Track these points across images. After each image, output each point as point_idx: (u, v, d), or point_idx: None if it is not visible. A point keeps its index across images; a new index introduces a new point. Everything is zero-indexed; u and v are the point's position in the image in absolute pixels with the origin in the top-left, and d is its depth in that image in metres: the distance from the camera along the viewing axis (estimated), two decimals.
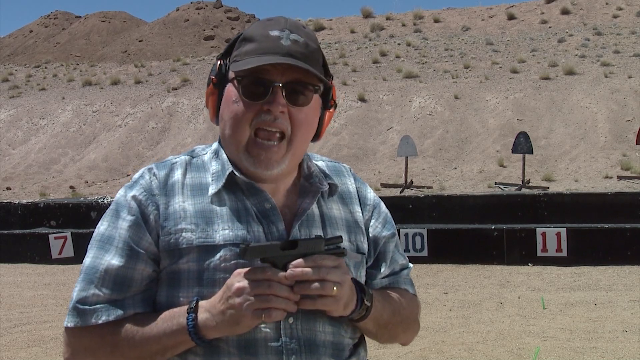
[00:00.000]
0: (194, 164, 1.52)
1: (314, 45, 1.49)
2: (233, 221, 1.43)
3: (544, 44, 28.41)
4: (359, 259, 1.52)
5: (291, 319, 1.41)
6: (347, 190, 1.59)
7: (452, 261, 10.88)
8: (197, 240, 1.41)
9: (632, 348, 6.06)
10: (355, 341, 1.52)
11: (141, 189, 1.46)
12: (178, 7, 58.67)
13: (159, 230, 1.43)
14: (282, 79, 1.42)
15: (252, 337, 1.38)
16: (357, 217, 1.57)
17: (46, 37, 60.69)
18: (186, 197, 1.46)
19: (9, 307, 8.40)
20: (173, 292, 1.42)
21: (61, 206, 13.88)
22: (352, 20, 36.08)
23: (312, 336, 1.43)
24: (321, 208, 1.52)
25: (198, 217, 1.43)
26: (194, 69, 29.88)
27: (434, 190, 16.68)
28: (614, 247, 10.61)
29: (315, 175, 1.53)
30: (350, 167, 1.68)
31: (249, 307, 1.31)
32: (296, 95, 1.44)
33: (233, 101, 1.45)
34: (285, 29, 1.45)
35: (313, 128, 1.50)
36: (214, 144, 1.55)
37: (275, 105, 1.41)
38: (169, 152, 22.03)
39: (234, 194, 1.47)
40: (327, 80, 1.48)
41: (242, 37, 1.49)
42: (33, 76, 32.75)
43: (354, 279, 1.46)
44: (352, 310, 1.43)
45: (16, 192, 20.19)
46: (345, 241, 1.50)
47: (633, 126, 19.41)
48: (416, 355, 5.97)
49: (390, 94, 24.23)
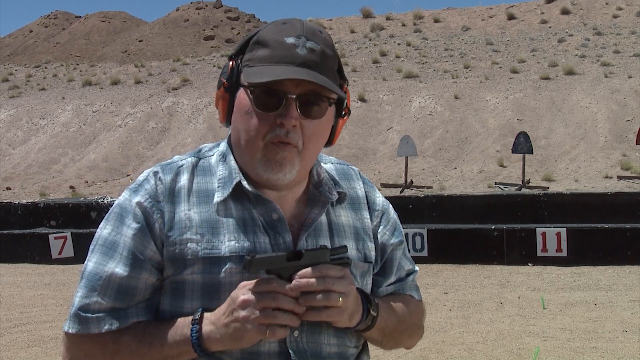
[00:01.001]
0: (200, 166, 1.48)
1: (331, 52, 1.43)
2: (239, 232, 1.41)
3: (544, 44, 28.42)
4: (366, 268, 1.50)
5: (296, 332, 1.39)
6: (355, 195, 1.56)
7: (452, 261, 10.88)
8: (203, 252, 1.39)
9: (632, 348, 6.06)
10: (359, 350, 1.52)
11: (146, 195, 1.43)
12: (178, 7, 58.69)
13: (163, 239, 1.41)
14: (297, 91, 1.38)
15: (256, 350, 1.37)
16: (366, 223, 1.55)
17: (46, 37, 60.70)
18: (192, 205, 1.43)
19: (9, 307, 8.40)
20: (177, 302, 1.41)
21: (61, 206, 13.88)
22: (352, 20, 36.09)
23: (318, 349, 1.42)
24: (329, 216, 1.50)
25: (204, 226, 1.41)
26: (194, 69, 29.89)
27: (434, 190, 16.69)
28: (614, 247, 10.61)
29: (325, 183, 1.50)
30: (360, 170, 1.65)
31: (253, 321, 1.29)
32: (310, 107, 1.40)
33: (246, 112, 1.41)
34: (302, 35, 1.40)
35: (325, 138, 1.47)
36: (222, 145, 1.52)
37: (288, 119, 1.37)
38: (169, 152, 22.04)
39: (240, 202, 1.44)
40: (342, 94, 1.44)
41: (256, 40, 1.44)
42: (33, 76, 32.76)
43: (360, 289, 1.44)
44: (358, 322, 1.42)
45: (16, 192, 20.20)
46: (353, 249, 1.48)
47: (633, 126, 19.42)
48: (416, 355, 5.97)
49: (390, 94, 24.24)
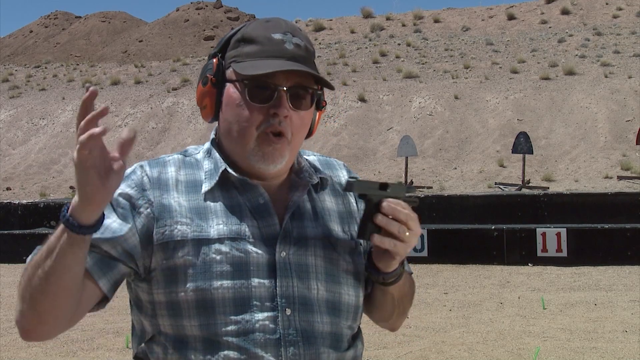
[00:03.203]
0: (187, 161, 1.53)
1: (312, 49, 1.52)
2: (227, 216, 1.45)
3: (544, 44, 28.41)
4: (353, 245, 1.54)
5: (289, 310, 1.42)
6: (339, 182, 1.61)
7: (452, 261, 10.88)
8: (192, 234, 1.42)
9: (632, 348, 6.06)
10: (353, 332, 1.53)
11: (132, 184, 1.46)
12: (178, 7, 58.67)
13: (152, 225, 1.43)
14: (287, 83, 1.45)
15: (250, 328, 1.39)
16: (352, 208, 1.59)
17: (46, 37, 60.71)
18: (180, 193, 1.47)
19: (9, 307, 8.39)
20: (171, 288, 1.42)
21: (61, 206, 13.52)
22: (352, 20, 36.07)
23: (310, 327, 1.43)
24: (313, 202, 1.54)
25: (192, 212, 1.44)
26: (194, 69, 29.89)
27: (434, 190, 16.69)
28: (614, 247, 10.61)
29: (305, 170, 1.56)
30: (344, 163, 1.70)
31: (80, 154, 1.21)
32: (299, 99, 1.47)
33: (237, 104, 1.46)
34: (287, 32, 1.48)
35: (307, 128, 1.53)
36: (206, 144, 1.57)
37: (282, 109, 1.43)
38: (169, 152, 21.96)
39: (227, 191, 1.48)
40: (332, 86, 1.51)
41: (241, 38, 1.49)
42: (33, 76, 32.76)
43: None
44: (395, 268, 1.48)
45: (16, 192, 20.20)
46: (339, 231, 1.53)
47: (633, 126, 19.42)
48: (416, 356, 5.97)
49: (390, 94, 24.23)
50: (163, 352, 1.44)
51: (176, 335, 1.42)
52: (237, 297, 1.40)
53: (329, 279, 1.47)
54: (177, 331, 1.42)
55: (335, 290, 1.48)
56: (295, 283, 1.43)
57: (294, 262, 1.45)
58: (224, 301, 1.40)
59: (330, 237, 1.51)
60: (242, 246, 1.42)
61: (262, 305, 1.40)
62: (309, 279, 1.45)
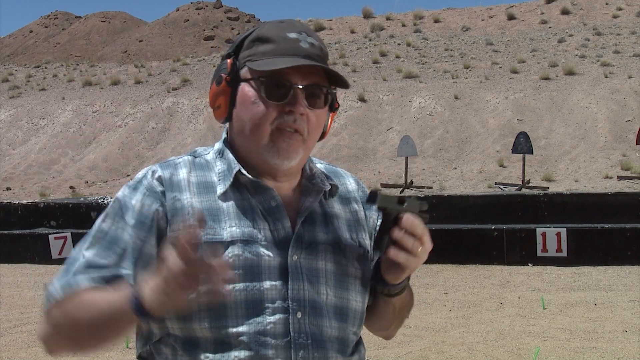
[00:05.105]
0: (197, 163, 1.53)
1: (326, 50, 1.53)
2: (240, 218, 1.45)
3: (544, 44, 28.42)
4: (361, 252, 1.55)
5: (299, 313, 1.43)
6: (346, 190, 1.62)
7: (452, 261, 10.88)
8: (205, 237, 1.41)
9: (632, 348, 6.06)
10: (357, 338, 1.55)
11: (145, 190, 1.47)
12: (178, 7, 58.72)
13: (165, 227, 1.44)
14: (303, 82, 1.46)
15: (261, 330, 1.40)
16: (359, 215, 1.60)
17: (46, 37, 60.74)
18: (193, 194, 1.47)
19: (9, 307, 8.40)
20: None
21: (61, 206, 13.87)
22: (352, 20, 36.08)
23: (319, 331, 1.45)
24: (323, 207, 1.55)
25: (205, 214, 1.44)
26: (194, 69, 29.89)
27: (434, 190, 16.70)
28: (614, 247, 10.61)
29: (317, 176, 1.56)
30: (351, 174, 1.71)
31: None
32: (314, 98, 1.47)
33: (252, 102, 1.46)
34: (302, 31, 1.49)
35: (322, 128, 1.54)
36: (217, 145, 1.56)
37: (298, 107, 1.44)
38: (169, 152, 22.05)
39: (240, 193, 1.48)
40: (348, 84, 1.52)
41: (255, 37, 1.50)
42: (33, 76, 32.76)
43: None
44: (402, 280, 1.49)
45: (16, 192, 20.21)
46: (348, 238, 1.54)
47: (633, 126, 19.42)
48: (416, 356, 5.97)
49: (390, 94, 24.24)
50: (172, 353, 1.44)
51: (186, 336, 1.43)
52: (249, 299, 1.41)
53: (337, 285, 1.49)
54: (186, 333, 1.43)
55: (344, 296, 1.50)
56: (306, 287, 1.45)
57: (305, 266, 1.46)
58: (236, 303, 1.40)
59: (340, 243, 1.52)
60: (254, 249, 1.43)
61: (274, 308, 1.41)
62: (319, 283, 1.47)
